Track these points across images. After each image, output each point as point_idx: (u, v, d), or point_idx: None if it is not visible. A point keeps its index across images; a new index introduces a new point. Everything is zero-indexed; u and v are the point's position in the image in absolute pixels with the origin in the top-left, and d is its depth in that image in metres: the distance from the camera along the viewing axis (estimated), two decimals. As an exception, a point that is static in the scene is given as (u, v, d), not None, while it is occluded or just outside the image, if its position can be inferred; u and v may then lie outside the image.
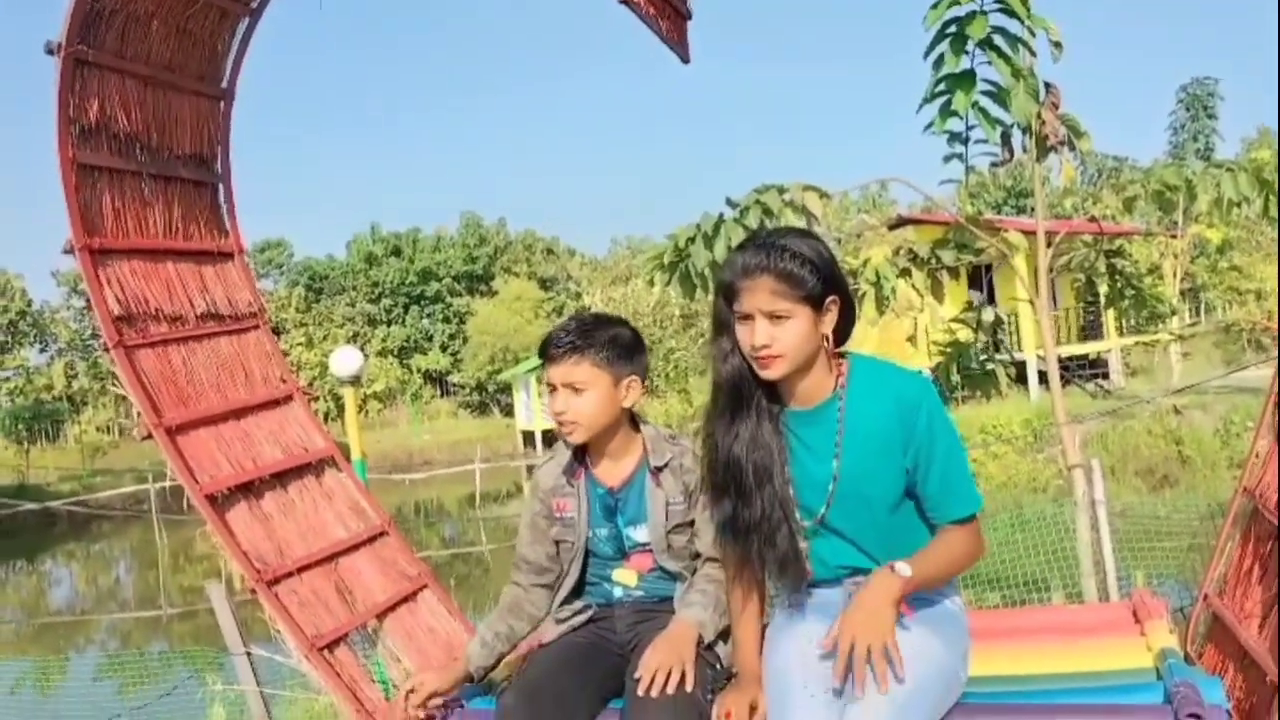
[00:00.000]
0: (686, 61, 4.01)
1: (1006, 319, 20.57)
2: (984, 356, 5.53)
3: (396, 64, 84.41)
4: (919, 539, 2.14)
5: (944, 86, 4.36)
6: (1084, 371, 23.86)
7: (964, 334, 5.46)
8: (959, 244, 5.14)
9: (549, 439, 28.97)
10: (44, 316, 42.37)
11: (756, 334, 2.05)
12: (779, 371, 2.08)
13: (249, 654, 4.62)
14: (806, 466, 2.15)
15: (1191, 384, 16.46)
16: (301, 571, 3.56)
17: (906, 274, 5.13)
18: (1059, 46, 4.30)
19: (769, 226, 4.30)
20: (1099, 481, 5.19)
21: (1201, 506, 8.78)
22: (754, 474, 2.13)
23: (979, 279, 21.21)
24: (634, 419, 2.52)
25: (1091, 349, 24.76)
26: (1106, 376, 24.10)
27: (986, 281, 20.67)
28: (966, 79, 4.30)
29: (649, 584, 2.50)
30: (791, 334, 2.04)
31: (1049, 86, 4.50)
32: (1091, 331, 25.07)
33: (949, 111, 4.39)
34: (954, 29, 4.22)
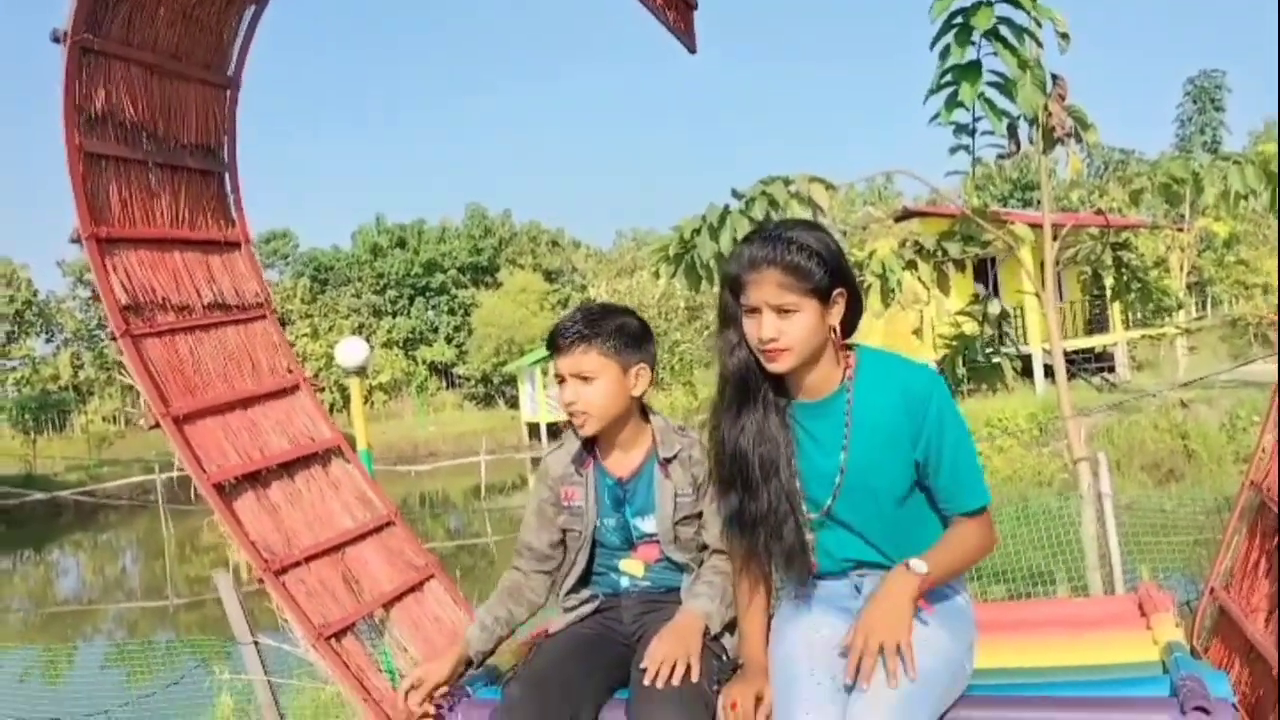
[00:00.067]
0: (693, 51, 4.00)
1: (1012, 312, 20.49)
2: (990, 349, 5.52)
3: (400, 61, 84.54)
4: (925, 532, 2.14)
5: (950, 78, 4.32)
6: (1090, 365, 23.76)
7: (970, 327, 5.44)
8: (965, 236, 5.11)
9: (554, 431, 29.00)
10: (50, 306, 42.46)
11: (764, 327, 2.04)
12: (786, 365, 2.07)
13: (256, 643, 4.62)
14: (813, 459, 2.14)
15: (1198, 378, 16.41)
16: (309, 561, 3.57)
17: (912, 266, 5.11)
18: (1066, 38, 4.26)
19: (775, 218, 4.29)
20: (1105, 475, 5.17)
21: (1207, 500, 8.77)
22: (761, 467, 2.13)
23: (985, 272, 21.17)
24: (644, 410, 2.51)
25: (1097, 342, 24.70)
26: (1112, 370, 24.02)
27: (992, 274, 20.63)
28: (972, 70, 4.27)
29: (656, 575, 2.50)
30: (799, 327, 2.03)
31: (1056, 78, 4.46)
32: (1097, 325, 25.03)
33: (955, 103, 4.35)
34: (960, 20, 4.19)
